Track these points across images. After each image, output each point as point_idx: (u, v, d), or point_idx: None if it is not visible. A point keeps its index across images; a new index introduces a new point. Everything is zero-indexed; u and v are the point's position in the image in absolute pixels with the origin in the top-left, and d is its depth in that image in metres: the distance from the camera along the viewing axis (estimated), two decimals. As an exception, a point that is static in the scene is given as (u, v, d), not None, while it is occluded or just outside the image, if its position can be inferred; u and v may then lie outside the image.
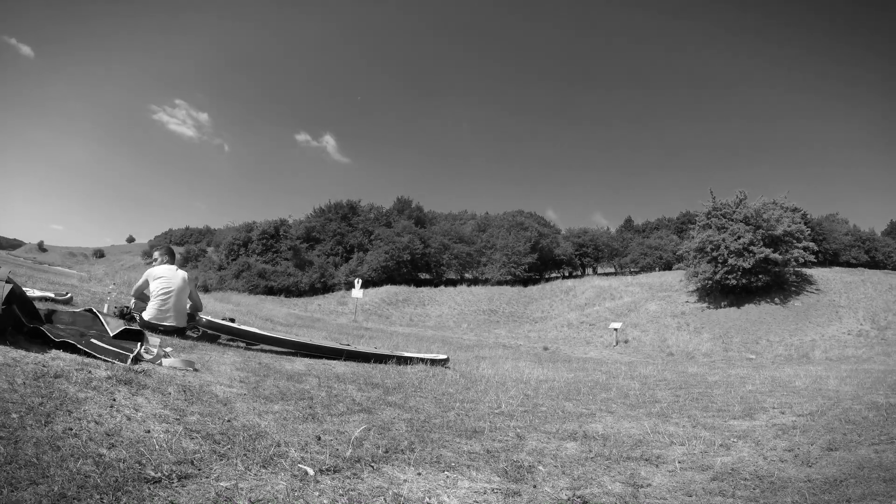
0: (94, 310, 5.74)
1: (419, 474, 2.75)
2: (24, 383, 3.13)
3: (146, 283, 7.14)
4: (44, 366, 3.61)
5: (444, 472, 2.84)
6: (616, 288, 47.69)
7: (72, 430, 2.55)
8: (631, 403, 5.99)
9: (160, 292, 6.98)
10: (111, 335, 4.88)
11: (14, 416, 2.54)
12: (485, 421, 4.33)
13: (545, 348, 23.68)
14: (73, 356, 4.21)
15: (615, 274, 61.53)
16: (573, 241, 64.07)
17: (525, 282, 58.62)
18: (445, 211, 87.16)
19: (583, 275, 62.83)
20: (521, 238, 60.55)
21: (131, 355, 4.54)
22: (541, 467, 3.13)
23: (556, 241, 63.39)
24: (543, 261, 61.58)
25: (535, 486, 2.77)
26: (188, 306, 7.30)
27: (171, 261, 7.49)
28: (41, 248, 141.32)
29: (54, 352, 4.19)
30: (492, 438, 3.78)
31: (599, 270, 65.79)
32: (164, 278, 7.07)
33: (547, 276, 62.98)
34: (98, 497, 1.93)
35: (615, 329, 30.82)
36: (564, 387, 7.11)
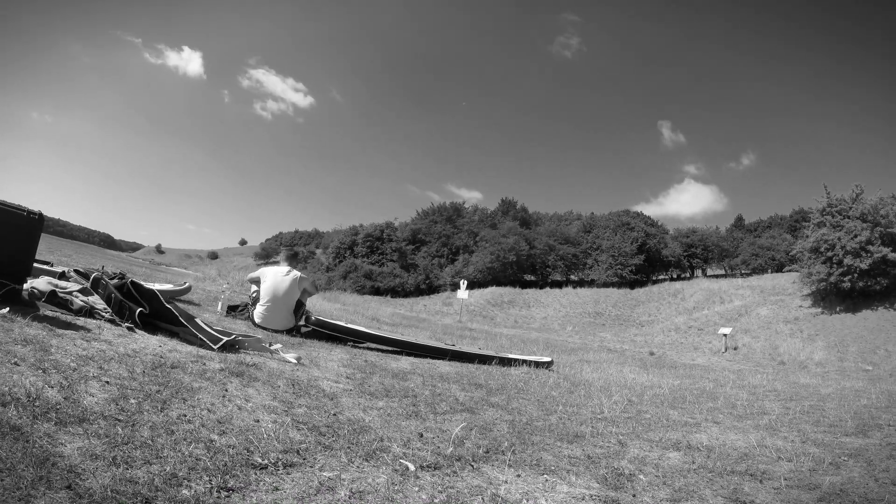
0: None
1: (518, 476, 2.72)
2: (143, 372, 3.32)
3: (258, 279, 7.42)
4: (161, 357, 3.82)
5: (543, 475, 2.79)
6: (726, 291, 45.63)
7: (185, 416, 2.68)
8: (738, 414, 5.72)
9: (264, 298, 7.24)
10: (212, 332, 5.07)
11: (132, 401, 2.69)
12: (587, 426, 4.24)
13: (651, 353, 22.99)
14: (190, 349, 4.44)
15: (725, 276, 58.74)
16: (681, 242, 61.59)
17: (631, 284, 57.06)
18: (550, 211, 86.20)
19: (691, 277, 60.38)
20: (627, 238, 59.04)
21: (224, 339, 4.75)
22: (641, 476, 3.03)
23: (663, 242, 61.22)
24: (650, 262, 59.72)
25: (634, 496, 2.69)
26: (294, 308, 7.49)
27: (289, 263, 7.67)
28: (159, 250, 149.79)
29: (172, 344, 4.43)
30: (593, 444, 3.69)
31: (709, 272, 63.06)
32: (271, 283, 7.29)
33: (654, 278, 60.98)
34: (207, 479, 2.01)
35: (724, 335, 29.45)
36: (669, 394, 6.87)
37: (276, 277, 7.37)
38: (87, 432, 2.19)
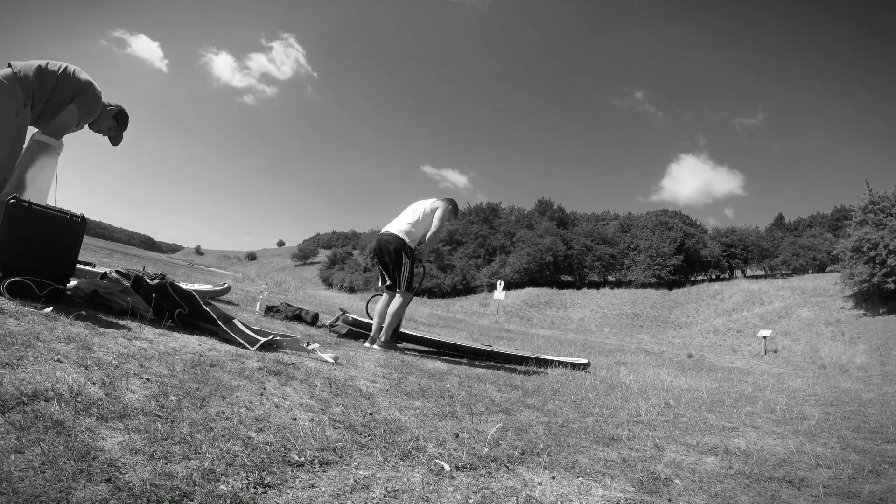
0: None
1: (553, 478, 2.70)
2: (183, 370, 3.37)
3: None
4: (201, 356, 3.87)
5: (578, 477, 2.76)
6: (766, 292, 44.72)
7: (224, 413, 2.71)
8: (777, 419, 5.61)
9: None
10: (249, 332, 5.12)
11: (172, 398, 2.73)
12: (623, 429, 4.19)
13: (689, 355, 22.63)
14: (229, 348, 4.50)
15: (765, 276, 57.50)
16: (720, 241, 60.49)
17: (670, 285, 56.27)
18: (588, 211, 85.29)
19: (730, 277, 59.28)
20: (665, 238, 58.27)
21: (261, 340, 4.80)
22: (678, 481, 2.98)
23: (702, 242, 60.23)
24: (689, 262, 58.82)
25: (669, 501, 2.64)
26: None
27: None
28: (198, 251, 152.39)
29: (211, 343, 4.49)
30: (629, 447, 3.65)
31: (748, 273, 61.91)
32: None
33: (692, 279, 60.08)
34: (244, 475, 2.03)
35: (764, 337, 28.85)
36: (707, 397, 6.76)
37: None
38: (127, 427, 2.23)
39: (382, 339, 6.74)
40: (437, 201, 7.17)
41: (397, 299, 6.89)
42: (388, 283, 7.12)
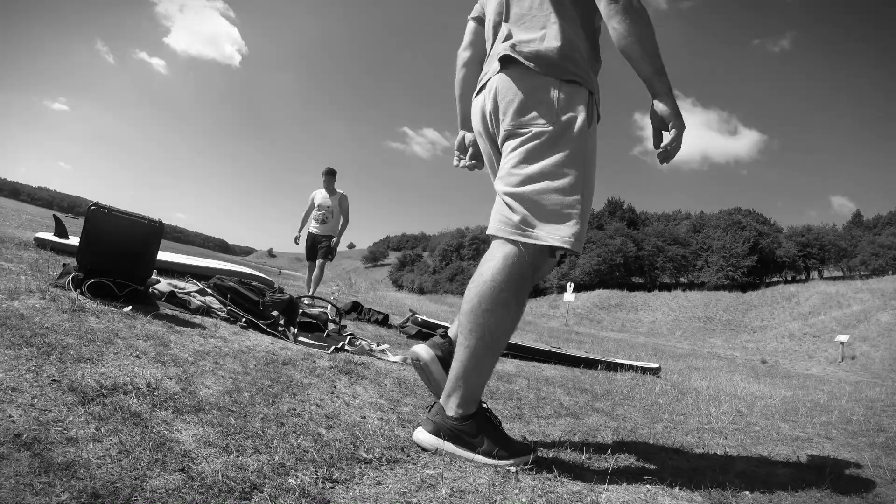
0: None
1: (620, 484, 2.64)
2: (256, 367, 3.45)
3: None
4: (273, 354, 3.96)
5: (645, 485, 2.69)
6: (844, 294, 42.72)
7: (295, 410, 2.75)
8: (853, 430, 5.34)
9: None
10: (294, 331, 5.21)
11: (245, 394, 2.80)
12: (693, 436, 4.06)
13: (763, 361, 21.89)
14: (300, 347, 4.59)
15: (843, 278, 54.83)
16: (796, 241, 57.93)
17: (743, 287, 54.34)
18: (658, 211, 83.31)
19: (807, 279, 56.78)
20: (738, 238, 56.34)
21: (332, 346, 4.87)
22: (747, 493, 2.86)
23: (776, 241, 57.85)
24: (763, 263, 56.60)
25: (737, 513, 2.55)
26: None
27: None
28: (271, 254, 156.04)
29: (283, 342, 4.59)
30: (699, 455, 3.53)
31: (825, 274, 59.22)
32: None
33: (767, 281, 57.84)
34: (313, 469, 2.05)
35: (841, 343, 27.58)
36: (781, 406, 6.49)
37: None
38: (201, 421, 2.28)
39: None
40: None
41: None
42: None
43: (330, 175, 10.93)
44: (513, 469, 2.48)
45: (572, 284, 39.43)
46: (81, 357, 2.71)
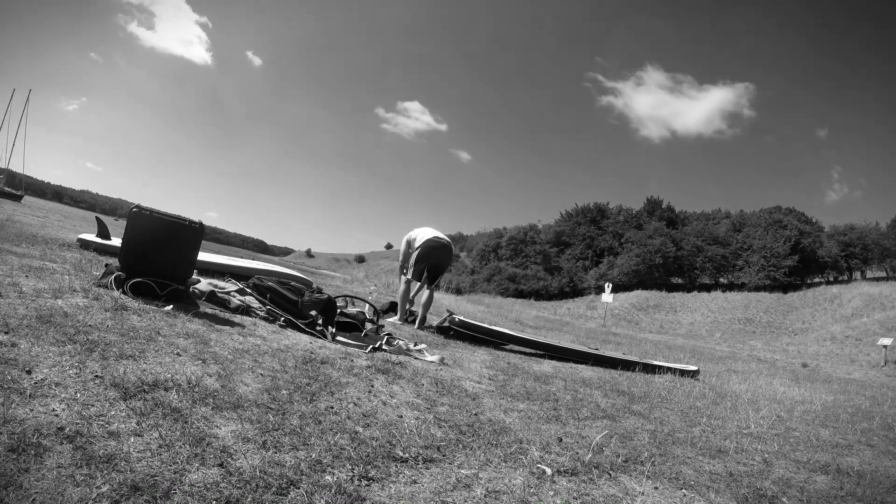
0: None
1: (656, 488, 2.59)
2: (295, 366, 3.48)
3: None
4: (312, 353, 3.99)
5: (681, 489, 2.64)
6: (888, 296, 41.27)
7: (333, 408, 2.77)
8: (894, 438, 5.19)
9: None
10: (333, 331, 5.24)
11: (284, 392, 2.82)
12: (731, 441, 3.97)
13: (804, 365, 21.33)
14: (339, 346, 4.62)
15: (886, 279, 53.01)
16: (838, 240, 56.09)
17: (784, 287, 52.94)
18: (698, 210, 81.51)
19: (849, 280, 54.93)
20: (779, 237, 54.98)
21: (370, 346, 4.88)
22: (784, 499, 2.80)
23: (818, 241, 56.10)
24: (805, 263, 54.99)
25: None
26: None
27: None
28: (309, 254, 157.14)
29: (322, 341, 4.62)
30: (736, 461, 3.46)
31: (868, 275, 57.36)
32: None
33: (808, 281, 56.26)
34: (350, 467, 2.06)
35: (884, 346, 26.68)
36: (822, 411, 6.32)
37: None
38: (240, 417, 2.31)
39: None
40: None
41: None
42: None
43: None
44: None
45: (610, 285, 39.05)
46: (123, 354, 2.76)
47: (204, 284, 5.17)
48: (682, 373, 7.94)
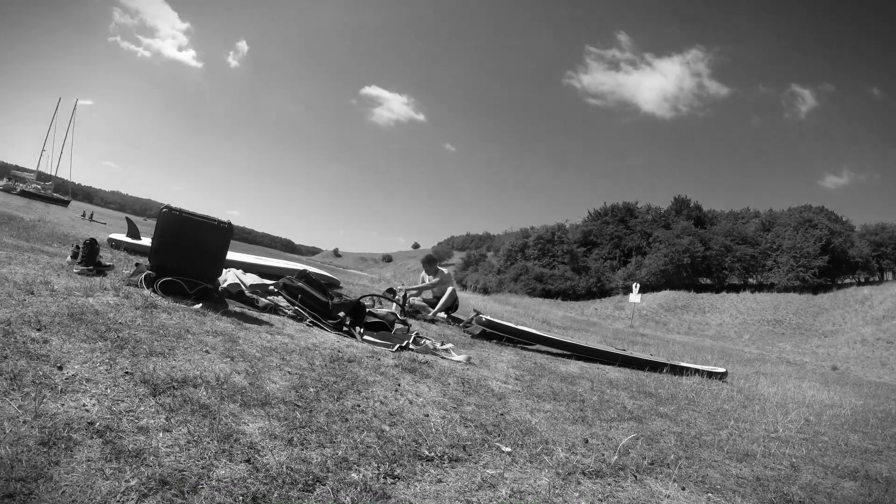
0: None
1: (682, 491, 2.56)
2: (322, 364, 3.49)
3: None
4: (339, 352, 4.00)
5: (707, 493, 2.61)
6: None
7: (359, 406, 2.78)
8: None
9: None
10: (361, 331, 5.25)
11: (311, 390, 2.84)
12: (758, 445, 3.91)
13: (834, 368, 20.90)
14: (366, 345, 4.63)
15: None
16: (869, 240, 54.66)
17: (814, 288, 51.80)
18: (726, 209, 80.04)
19: (881, 280, 53.49)
20: (809, 237, 53.79)
21: (397, 345, 4.88)
22: None
23: (849, 240, 54.76)
24: (835, 263, 53.58)
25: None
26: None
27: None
28: (336, 254, 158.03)
29: (349, 340, 4.65)
30: (763, 465, 3.40)
31: None
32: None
33: (839, 282, 54.92)
34: (375, 465, 2.07)
35: None
36: (851, 415, 6.19)
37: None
38: (268, 414, 2.33)
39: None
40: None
41: None
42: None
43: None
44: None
45: (638, 285, 38.55)
46: (153, 351, 2.80)
47: (233, 284, 5.22)
48: (710, 375, 7.84)
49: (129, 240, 7.66)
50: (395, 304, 7.37)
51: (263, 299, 5.19)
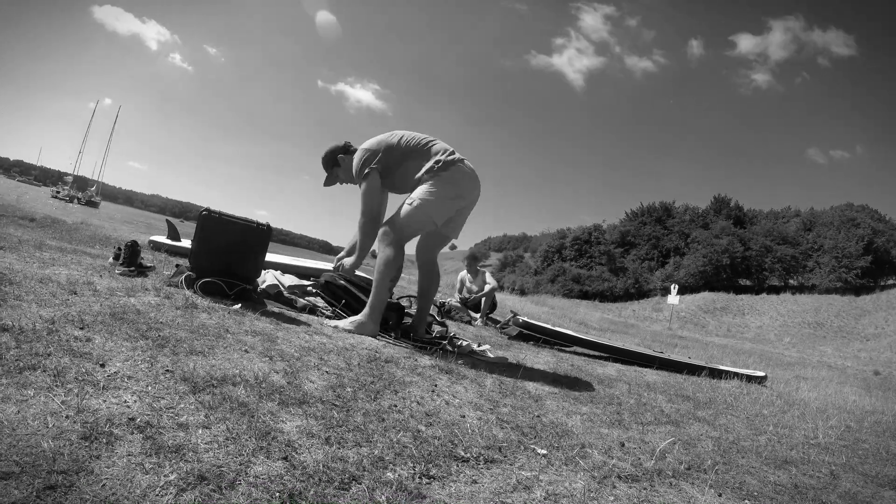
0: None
1: (719, 496, 2.52)
2: (359, 364, 3.52)
3: None
4: (376, 352, 4.02)
5: (744, 500, 2.55)
6: None
7: (396, 406, 2.79)
8: None
9: None
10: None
11: (349, 390, 2.86)
12: (797, 451, 3.82)
13: (876, 373, 20.31)
14: (402, 346, 4.65)
15: None
16: None
17: (857, 290, 50.48)
18: (766, 208, 78.48)
19: None
20: (852, 237, 52.42)
21: (435, 346, 4.90)
22: None
23: (892, 240, 53.29)
24: (878, 264, 52.14)
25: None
26: None
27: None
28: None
29: (385, 340, 4.66)
30: (802, 472, 3.32)
31: None
32: None
33: (882, 283, 53.45)
34: (411, 465, 2.08)
35: None
36: (893, 422, 6.00)
37: None
38: (305, 413, 2.35)
39: None
40: None
41: None
42: None
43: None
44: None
45: (676, 286, 38.07)
46: (193, 350, 2.84)
47: (271, 284, 5.28)
48: (750, 378, 7.72)
49: (169, 242, 7.80)
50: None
51: (301, 300, 5.24)
